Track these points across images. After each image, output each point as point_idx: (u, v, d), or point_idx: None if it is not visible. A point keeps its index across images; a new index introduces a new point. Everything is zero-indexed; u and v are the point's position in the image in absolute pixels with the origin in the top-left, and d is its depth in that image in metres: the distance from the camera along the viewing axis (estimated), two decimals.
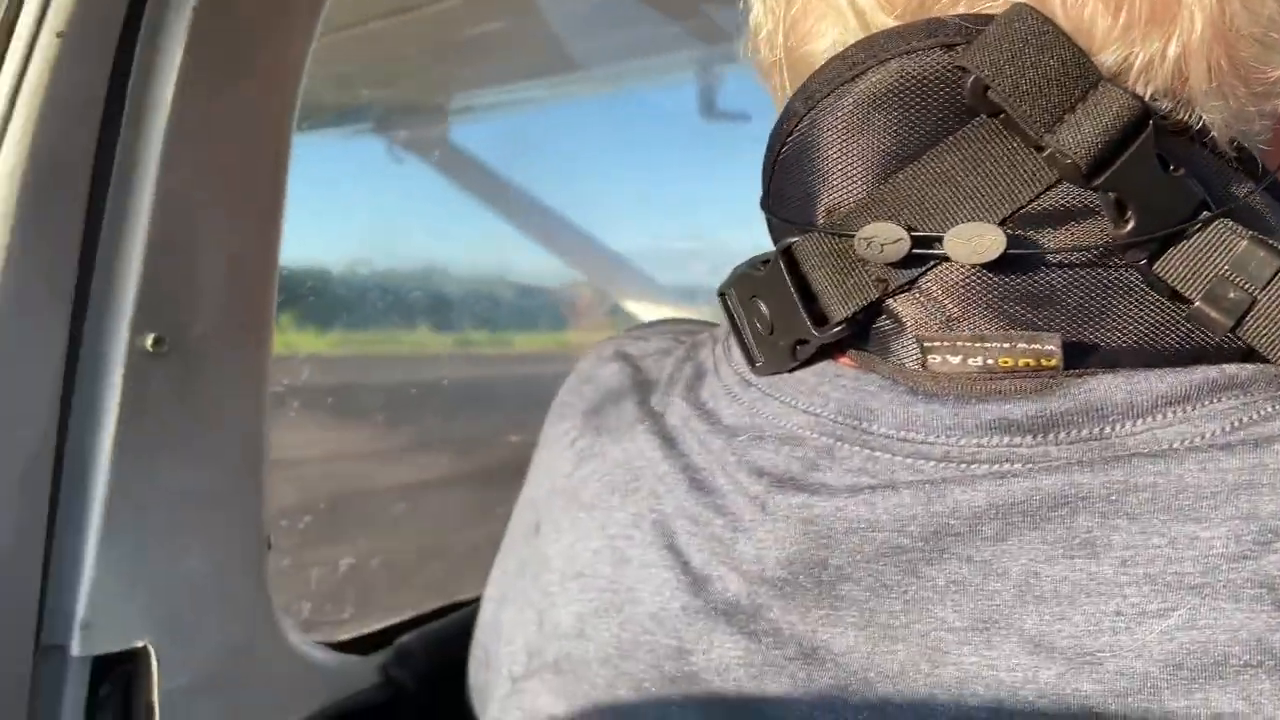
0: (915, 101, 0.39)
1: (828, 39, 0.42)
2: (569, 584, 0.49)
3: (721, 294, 0.49)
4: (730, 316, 0.48)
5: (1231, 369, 0.37)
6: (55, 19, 0.67)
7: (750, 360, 0.47)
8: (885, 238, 0.39)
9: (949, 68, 0.38)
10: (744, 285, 0.47)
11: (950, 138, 0.39)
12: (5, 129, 0.69)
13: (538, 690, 0.49)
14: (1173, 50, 0.37)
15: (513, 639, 0.53)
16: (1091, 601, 0.34)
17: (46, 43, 0.68)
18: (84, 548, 0.78)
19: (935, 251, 0.39)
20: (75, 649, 0.78)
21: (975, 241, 0.38)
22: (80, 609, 0.78)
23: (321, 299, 2.04)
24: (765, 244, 0.48)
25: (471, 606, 1.10)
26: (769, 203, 0.46)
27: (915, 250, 0.39)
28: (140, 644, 0.81)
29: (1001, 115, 0.38)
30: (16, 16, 0.68)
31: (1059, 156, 0.37)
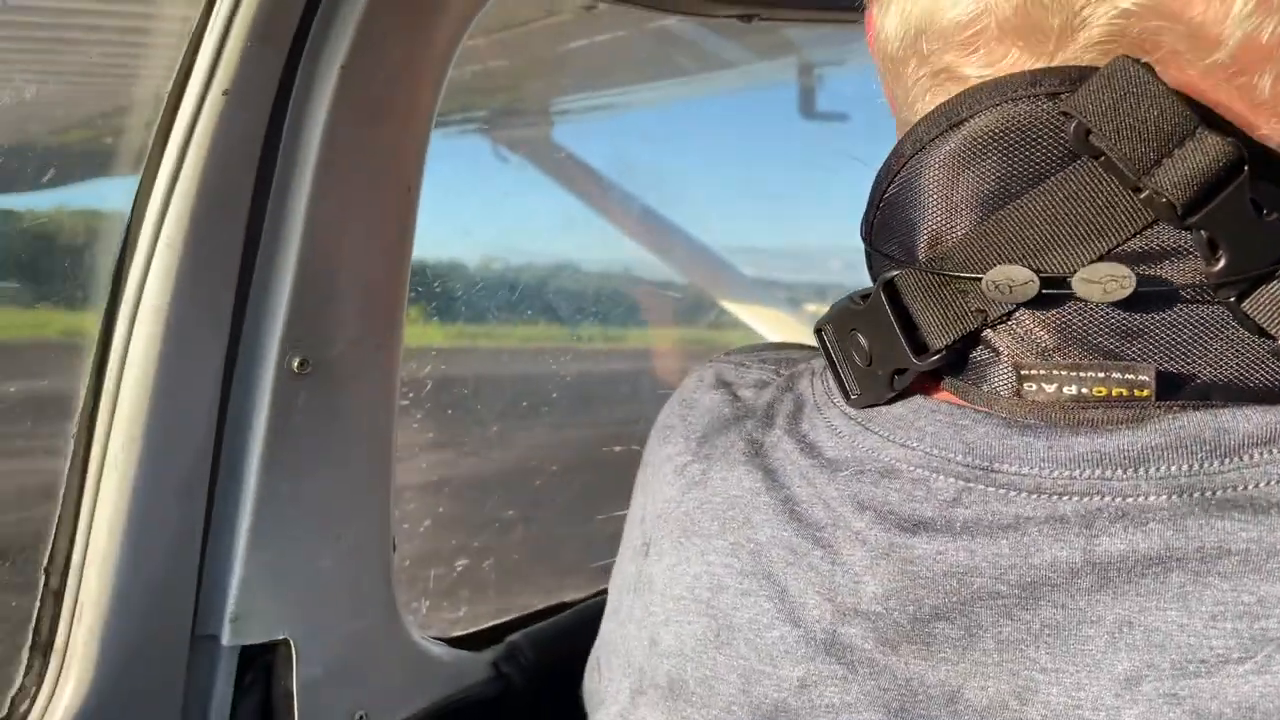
0: (1019, 144, 0.42)
1: (968, 3, 0.43)
2: (670, 606, 0.51)
3: (818, 330, 0.51)
4: (827, 351, 0.51)
5: None
6: (223, 78, 0.75)
7: (845, 394, 0.49)
8: (1016, 279, 0.41)
9: (1053, 114, 0.41)
10: (843, 319, 0.49)
11: (1052, 179, 0.41)
12: (178, 174, 0.77)
13: (645, 710, 0.52)
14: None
15: (622, 653, 0.56)
16: (1179, 650, 0.37)
17: (214, 99, 0.76)
18: (235, 548, 0.86)
19: (1064, 292, 0.41)
20: (225, 639, 0.86)
21: (1109, 283, 0.40)
22: (231, 603, 0.86)
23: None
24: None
25: (577, 608, 1.17)
26: (872, 238, 0.49)
27: (1044, 291, 0.41)
28: (282, 636, 0.89)
29: (1102, 158, 0.40)
30: (188, 77, 0.76)
31: (1155, 197, 0.39)
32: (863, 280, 0.52)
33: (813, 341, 0.54)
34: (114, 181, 0.80)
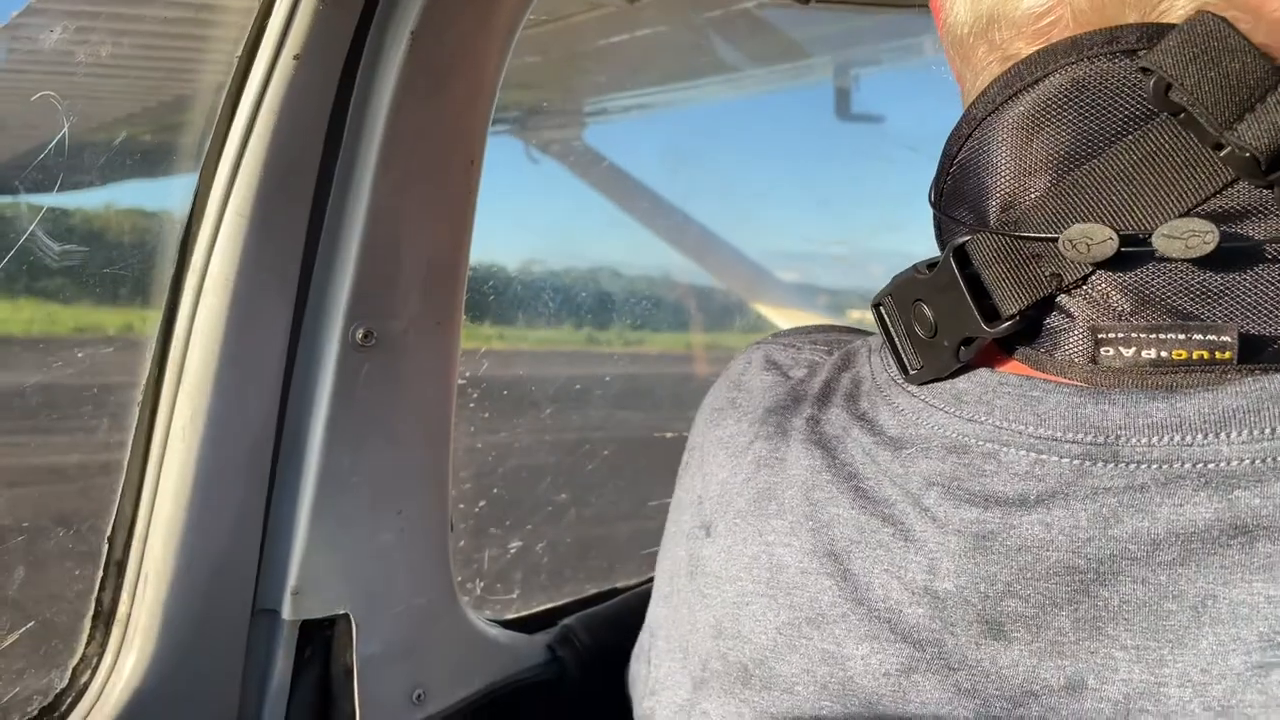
0: (1095, 103, 0.41)
1: None
2: (729, 589, 0.50)
3: (875, 305, 0.50)
4: (885, 327, 0.50)
5: None
6: (293, 44, 0.75)
7: (904, 369, 0.48)
8: (1094, 238, 0.40)
9: (1130, 71, 0.40)
10: (905, 289, 0.48)
11: (1129, 137, 0.41)
12: (247, 140, 0.76)
13: (709, 700, 0.50)
14: None
15: (676, 639, 0.55)
16: (1266, 621, 0.36)
17: (285, 64, 0.75)
18: (296, 523, 0.85)
19: (1145, 249, 0.40)
20: (286, 613, 0.85)
21: (1191, 238, 0.39)
22: (292, 578, 0.85)
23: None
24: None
25: (630, 593, 1.16)
26: (941, 203, 0.48)
27: (1124, 249, 0.40)
28: (342, 611, 0.88)
29: (1182, 115, 0.39)
30: (258, 42, 0.75)
31: (1238, 152, 0.38)
32: None
33: (861, 326, 0.53)
34: (184, 151, 0.80)
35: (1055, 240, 0.41)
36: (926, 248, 0.51)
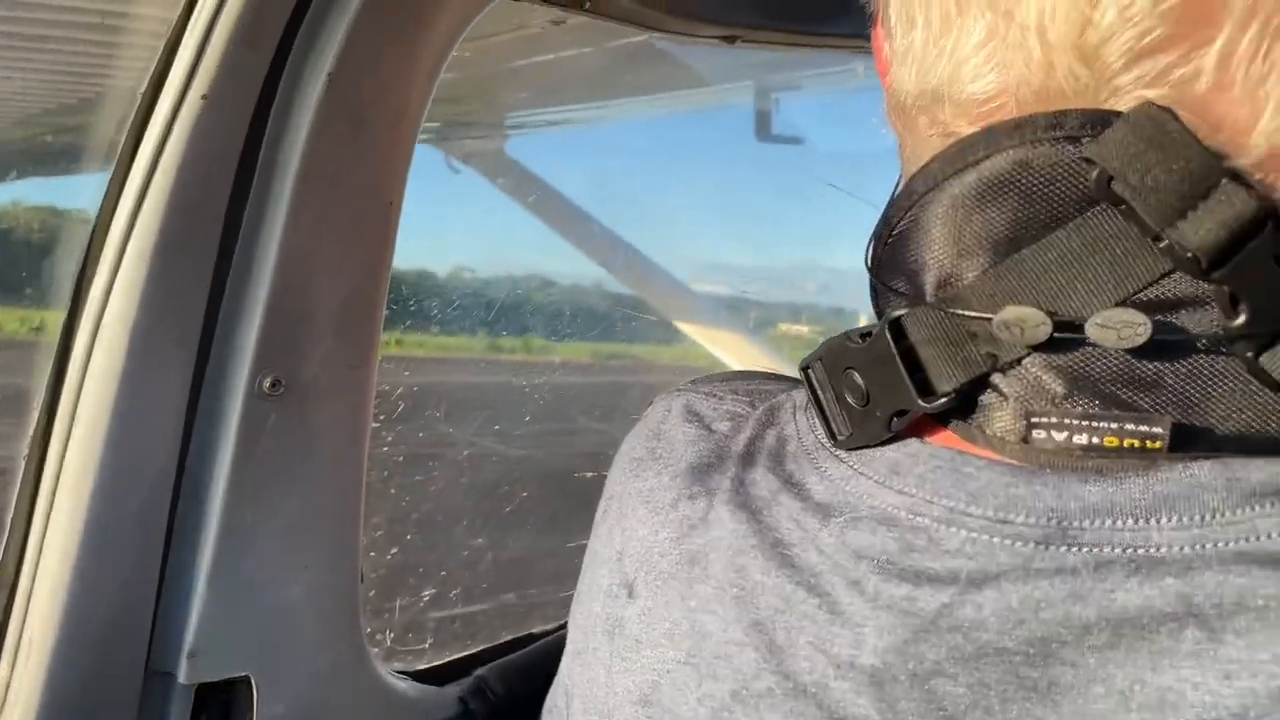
0: (1036, 187, 0.41)
1: (991, 78, 0.42)
2: (649, 654, 0.49)
3: (804, 368, 0.50)
4: (813, 390, 0.49)
5: None
6: (201, 83, 0.71)
7: (832, 434, 0.48)
8: (1029, 322, 0.40)
9: (1074, 158, 0.40)
10: (837, 357, 0.48)
11: (1070, 224, 0.40)
12: (150, 180, 0.72)
13: None
14: None
15: (591, 700, 0.54)
16: (1193, 709, 0.36)
17: (192, 103, 0.71)
18: (195, 579, 0.81)
19: (1077, 337, 0.40)
20: (182, 676, 0.81)
21: (1124, 329, 0.39)
22: (189, 638, 0.81)
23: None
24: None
25: (545, 640, 1.13)
26: (878, 271, 0.47)
27: (1056, 335, 0.40)
28: (242, 673, 0.84)
29: (1123, 206, 0.39)
30: (164, 80, 0.71)
31: (1178, 249, 0.38)
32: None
33: (780, 370, 0.53)
34: (82, 180, 0.75)
35: (989, 322, 0.41)
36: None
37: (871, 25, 0.51)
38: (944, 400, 0.43)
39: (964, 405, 0.43)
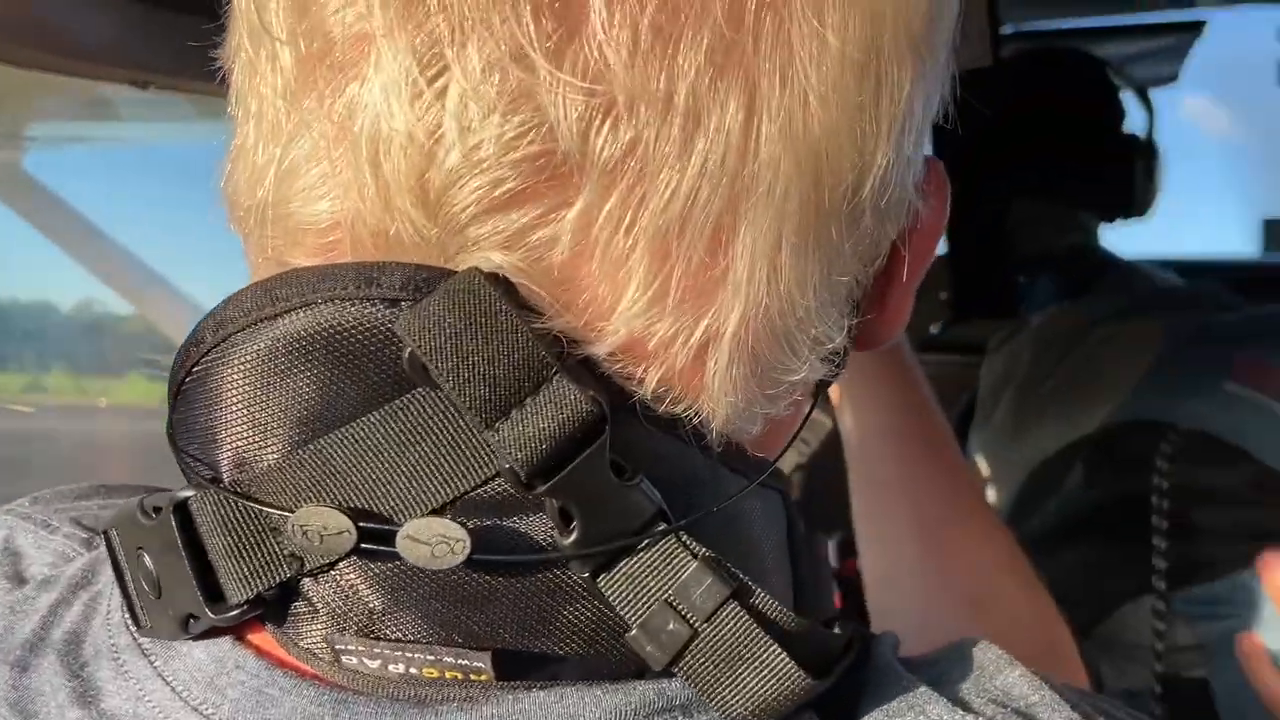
0: (346, 358, 0.33)
1: (325, 205, 0.34)
2: None
3: (105, 531, 0.40)
4: (115, 561, 0.39)
5: (673, 688, 0.35)
6: None
7: (136, 621, 0.39)
8: (329, 527, 0.33)
9: (388, 328, 0.32)
10: (128, 532, 0.38)
11: (385, 407, 0.33)
12: None
13: None
14: (700, 332, 0.33)
15: None
16: None
17: None
18: None
19: (386, 549, 0.33)
20: None
21: (439, 546, 0.32)
22: None
23: None
24: None
25: None
26: (173, 433, 0.38)
27: (363, 545, 0.33)
28: None
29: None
30: None
31: (498, 456, 0.32)
32: None
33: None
34: None
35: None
36: None
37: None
38: (237, 611, 0.35)
39: (280, 606, 0.36)
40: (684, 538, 0.33)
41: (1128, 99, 1.38)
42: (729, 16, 0.30)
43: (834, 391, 0.81)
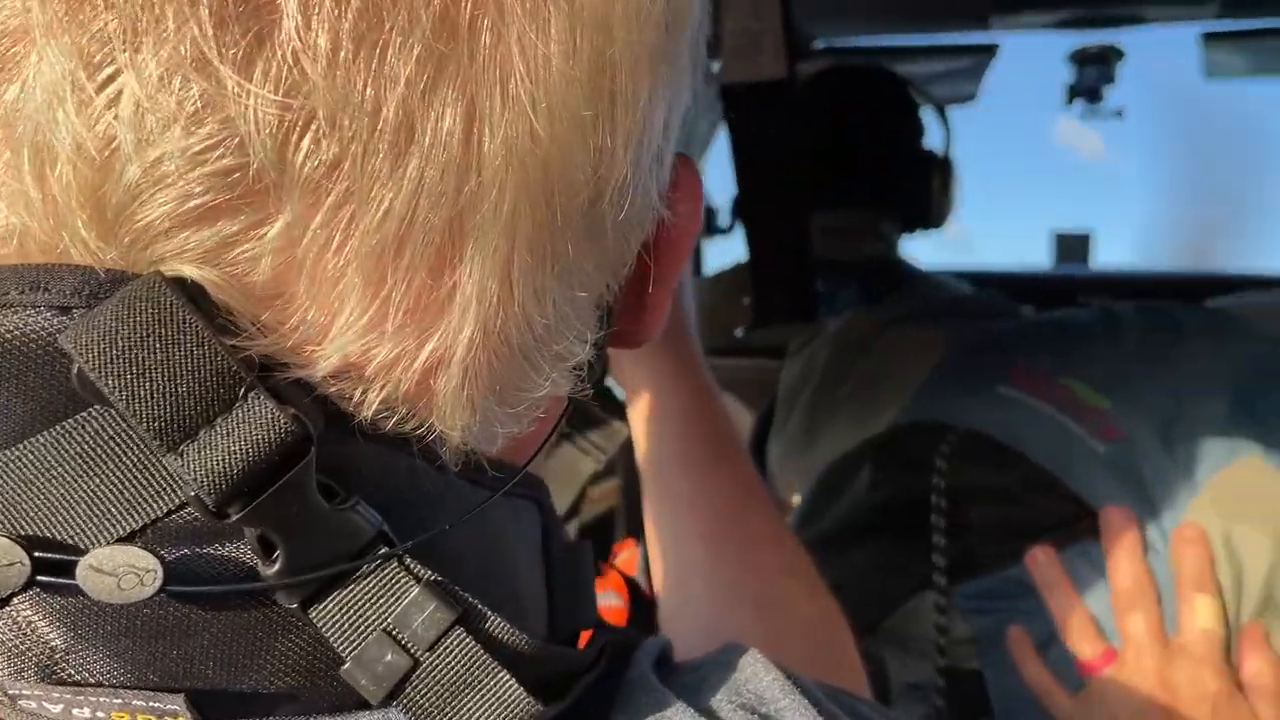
0: (10, 373, 0.30)
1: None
2: None
3: None
4: None
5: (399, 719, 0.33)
6: None
7: None
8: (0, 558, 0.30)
9: (56, 339, 0.29)
10: None
11: (59, 426, 0.30)
12: None
13: None
14: (425, 355, 0.31)
15: None
16: None
17: None
18: None
19: (68, 581, 0.30)
20: None
21: (127, 577, 0.29)
22: None
23: None
24: None
25: None
26: None
27: (41, 578, 0.30)
28: None
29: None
30: None
31: (181, 481, 0.29)
32: None
33: None
34: None
35: None
36: None
37: None
38: None
39: None
40: (407, 561, 0.31)
41: (927, 115, 1.44)
42: (441, 23, 0.27)
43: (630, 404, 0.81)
